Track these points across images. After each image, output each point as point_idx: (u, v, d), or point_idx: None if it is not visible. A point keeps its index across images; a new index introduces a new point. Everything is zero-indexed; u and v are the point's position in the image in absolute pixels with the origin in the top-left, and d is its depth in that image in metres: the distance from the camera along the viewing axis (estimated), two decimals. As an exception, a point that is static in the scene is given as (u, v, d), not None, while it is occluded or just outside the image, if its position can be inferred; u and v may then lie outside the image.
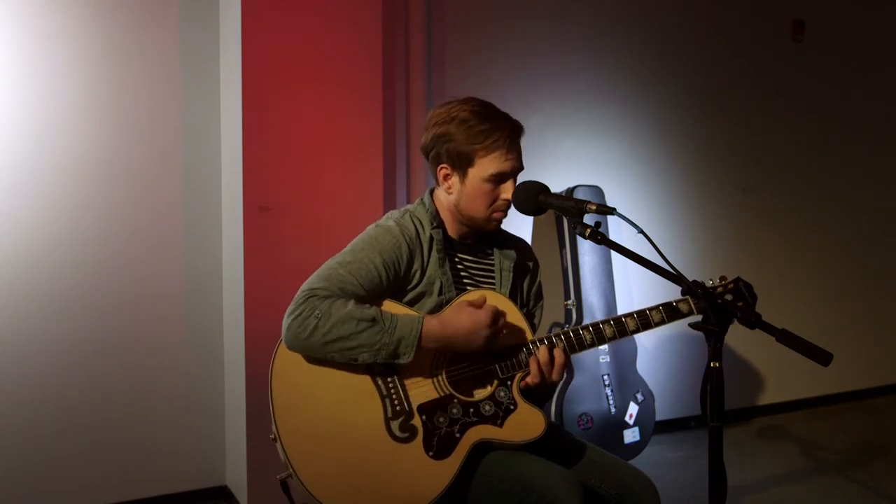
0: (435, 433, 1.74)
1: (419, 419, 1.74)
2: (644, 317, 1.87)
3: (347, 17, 3.05)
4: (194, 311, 3.19)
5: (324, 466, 1.69)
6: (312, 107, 3.00)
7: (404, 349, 1.70)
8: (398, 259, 1.81)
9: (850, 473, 3.66)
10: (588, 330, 1.85)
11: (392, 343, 1.70)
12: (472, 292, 1.87)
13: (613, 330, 1.86)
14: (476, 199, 1.86)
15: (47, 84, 2.92)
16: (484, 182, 1.84)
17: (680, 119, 4.23)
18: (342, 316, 1.69)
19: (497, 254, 1.98)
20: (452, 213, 1.91)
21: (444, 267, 1.87)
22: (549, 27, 3.85)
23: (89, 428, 3.02)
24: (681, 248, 4.23)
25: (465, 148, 1.84)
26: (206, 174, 3.19)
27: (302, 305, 1.71)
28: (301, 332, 1.69)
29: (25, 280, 2.91)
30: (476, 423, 1.77)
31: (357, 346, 1.69)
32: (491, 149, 1.83)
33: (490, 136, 1.82)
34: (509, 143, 1.84)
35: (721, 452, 1.54)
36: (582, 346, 1.84)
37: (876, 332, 4.96)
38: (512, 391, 1.80)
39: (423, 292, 1.85)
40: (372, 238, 1.83)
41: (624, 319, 1.86)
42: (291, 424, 1.71)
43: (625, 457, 3.54)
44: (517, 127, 1.88)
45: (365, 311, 1.71)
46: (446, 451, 1.73)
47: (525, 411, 1.79)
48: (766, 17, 4.47)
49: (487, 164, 1.83)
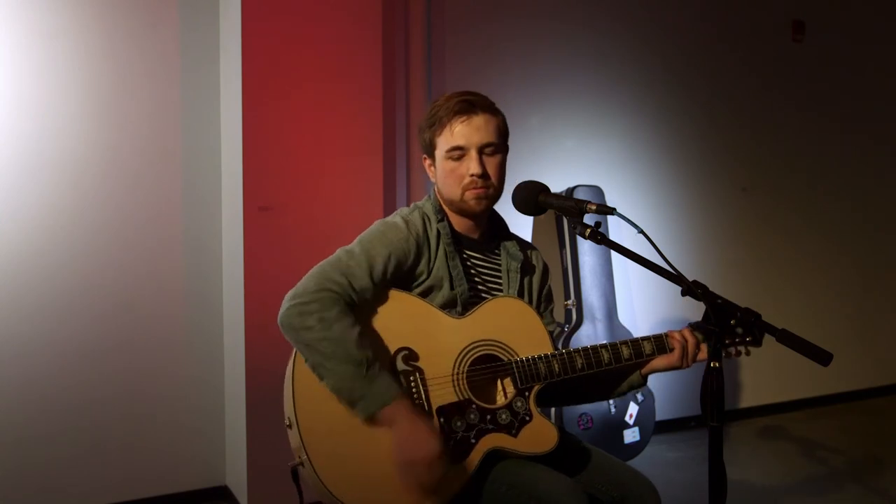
0: (451, 437, 1.73)
1: (437, 421, 1.74)
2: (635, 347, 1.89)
3: (347, 18, 3.05)
4: (194, 311, 3.19)
5: (338, 458, 1.68)
6: (312, 107, 3.01)
7: (362, 406, 1.66)
8: (405, 254, 1.82)
9: (850, 473, 3.66)
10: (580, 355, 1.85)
11: (356, 392, 1.66)
12: (501, 297, 1.88)
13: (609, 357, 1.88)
14: (446, 179, 1.89)
15: (47, 84, 2.92)
16: (445, 161, 1.87)
17: (680, 119, 4.23)
18: (339, 337, 1.66)
19: (504, 254, 1.98)
20: (447, 204, 1.93)
21: (454, 261, 1.87)
22: (549, 27, 3.86)
23: (89, 428, 3.02)
24: (681, 248, 4.23)
25: (428, 133, 1.91)
26: (206, 174, 3.20)
27: (312, 295, 1.69)
28: (298, 321, 1.68)
29: (25, 280, 2.91)
30: (491, 431, 1.76)
31: (330, 370, 1.66)
32: (442, 124, 1.87)
33: (440, 113, 1.87)
34: (456, 117, 1.85)
35: (721, 452, 1.54)
36: (574, 370, 1.84)
37: (876, 332, 4.97)
38: (529, 402, 1.80)
39: (432, 286, 1.85)
40: (380, 233, 1.83)
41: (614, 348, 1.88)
42: (310, 412, 1.69)
43: (625, 457, 3.55)
44: (469, 100, 1.87)
45: (360, 350, 1.66)
46: (461, 455, 1.73)
47: (539, 423, 1.79)
48: (766, 17, 4.47)
49: (442, 141, 1.88)
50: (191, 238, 3.18)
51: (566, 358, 1.82)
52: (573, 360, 1.82)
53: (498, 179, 1.89)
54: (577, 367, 1.82)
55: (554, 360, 1.81)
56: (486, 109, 1.88)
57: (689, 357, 1.87)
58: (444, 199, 1.92)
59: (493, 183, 1.88)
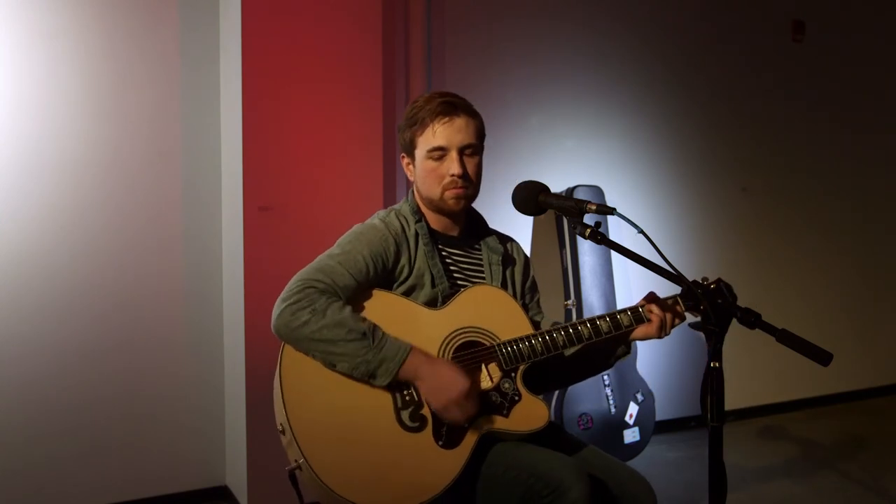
0: (444, 422, 1.75)
1: (428, 408, 1.75)
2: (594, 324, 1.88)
3: (348, 18, 3.05)
4: (194, 311, 3.19)
5: (334, 455, 1.69)
6: (312, 107, 3.01)
7: (383, 371, 1.71)
8: (385, 252, 1.85)
9: (850, 473, 3.66)
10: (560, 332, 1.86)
11: (374, 362, 1.70)
12: (476, 286, 1.90)
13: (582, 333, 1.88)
14: (426, 179, 1.91)
15: (48, 84, 2.92)
16: (426, 160, 1.90)
17: (680, 119, 4.23)
18: (336, 320, 1.70)
19: (484, 248, 2.01)
20: (426, 203, 1.95)
21: (433, 259, 1.90)
22: (549, 27, 3.86)
23: (89, 428, 3.02)
24: (681, 248, 4.24)
25: (408, 133, 1.93)
26: (206, 174, 3.20)
27: (298, 294, 1.72)
28: (292, 321, 1.70)
29: (25, 280, 2.91)
30: (483, 413, 1.78)
31: (340, 354, 1.70)
32: (423, 125, 1.89)
33: (421, 114, 1.90)
34: (438, 118, 1.88)
35: (721, 452, 1.55)
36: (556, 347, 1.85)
37: (876, 332, 4.97)
38: (516, 382, 1.83)
39: (414, 285, 1.88)
40: (359, 234, 1.87)
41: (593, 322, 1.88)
42: (302, 414, 1.70)
43: (625, 457, 3.55)
44: (450, 102, 1.90)
45: (358, 323, 1.72)
46: (455, 440, 1.75)
47: (529, 402, 1.82)
48: (766, 17, 4.47)
49: (423, 141, 1.90)
50: (191, 238, 3.18)
51: (547, 337, 1.84)
52: (554, 337, 1.84)
53: (476, 180, 1.93)
54: (558, 344, 1.84)
55: (535, 340, 1.84)
56: (466, 111, 1.91)
57: (667, 327, 1.89)
58: (423, 198, 1.95)
59: (471, 183, 1.91)
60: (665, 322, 1.88)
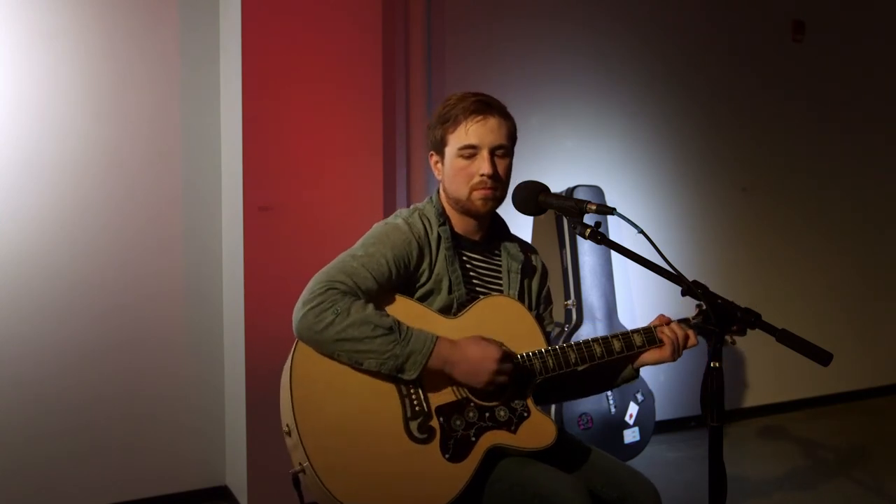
0: (452, 436, 1.74)
1: (437, 421, 1.74)
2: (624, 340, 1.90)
3: (347, 18, 3.05)
4: (194, 311, 3.19)
5: (339, 461, 1.68)
6: (312, 107, 3.00)
7: (411, 365, 1.70)
8: (408, 256, 1.83)
9: (850, 473, 3.66)
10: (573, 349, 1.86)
11: (402, 356, 1.70)
12: (493, 296, 1.89)
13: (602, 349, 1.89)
14: (455, 178, 1.89)
15: (48, 84, 2.92)
16: (456, 158, 1.88)
17: (680, 119, 4.23)
18: (360, 318, 1.69)
19: (505, 255, 1.99)
20: (452, 204, 1.93)
21: (453, 265, 1.88)
22: (549, 27, 3.86)
23: (89, 428, 3.02)
24: (681, 248, 4.24)
25: (439, 130, 1.91)
26: (206, 174, 3.20)
27: (321, 296, 1.70)
28: (316, 323, 1.69)
29: (25, 280, 2.91)
30: (491, 428, 1.78)
31: (367, 351, 1.69)
32: (456, 122, 1.88)
33: (454, 111, 1.88)
34: (471, 116, 1.86)
35: (721, 452, 1.55)
36: (568, 364, 1.85)
37: (876, 332, 4.97)
38: (526, 398, 1.82)
39: (432, 290, 1.86)
40: (383, 234, 1.84)
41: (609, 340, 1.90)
42: (311, 418, 1.69)
43: (625, 457, 3.55)
44: (485, 101, 1.89)
45: (383, 319, 1.71)
46: (462, 454, 1.74)
47: (537, 419, 1.82)
48: (766, 17, 4.47)
49: (454, 139, 1.88)
50: (191, 238, 3.18)
51: (560, 353, 1.84)
52: (566, 354, 1.84)
53: (506, 182, 1.91)
54: (570, 361, 1.84)
55: (548, 356, 1.83)
56: (500, 112, 1.90)
57: (679, 350, 1.90)
58: (450, 198, 1.92)
59: (500, 184, 1.89)
60: (678, 345, 1.88)
